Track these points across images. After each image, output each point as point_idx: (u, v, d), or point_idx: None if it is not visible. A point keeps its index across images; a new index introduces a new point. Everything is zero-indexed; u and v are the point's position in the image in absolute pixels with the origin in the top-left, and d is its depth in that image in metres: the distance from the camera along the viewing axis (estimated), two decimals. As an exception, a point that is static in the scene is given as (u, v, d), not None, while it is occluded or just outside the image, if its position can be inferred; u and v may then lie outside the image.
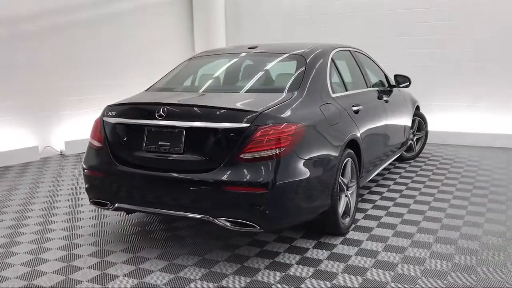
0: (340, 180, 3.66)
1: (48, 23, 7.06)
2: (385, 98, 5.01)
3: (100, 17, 7.85)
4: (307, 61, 3.87)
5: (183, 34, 9.57)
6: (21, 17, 6.71)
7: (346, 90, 4.25)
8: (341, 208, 3.73)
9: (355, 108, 4.06)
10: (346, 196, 3.84)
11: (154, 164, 3.29)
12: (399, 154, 5.88)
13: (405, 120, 5.78)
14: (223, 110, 3.17)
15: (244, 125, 3.07)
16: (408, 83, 5.56)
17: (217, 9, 9.28)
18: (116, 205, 3.44)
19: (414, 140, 6.58)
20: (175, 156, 3.23)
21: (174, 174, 3.19)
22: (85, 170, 3.59)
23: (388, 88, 5.40)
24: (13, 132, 6.75)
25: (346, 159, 3.77)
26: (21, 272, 3.26)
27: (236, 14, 9.62)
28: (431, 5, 7.87)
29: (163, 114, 3.25)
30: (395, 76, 5.58)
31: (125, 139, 3.45)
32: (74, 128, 7.45)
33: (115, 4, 8.10)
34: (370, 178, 4.66)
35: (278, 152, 3.05)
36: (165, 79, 4.25)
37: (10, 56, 6.62)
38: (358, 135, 4.01)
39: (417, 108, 6.53)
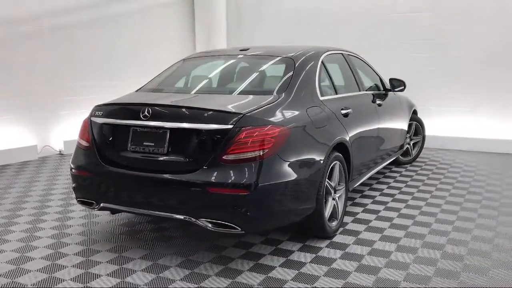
0: (326, 183, 3.66)
1: (48, 24, 7.11)
2: (378, 102, 4.99)
3: (101, 18, 7.90)
4: (296, 64, 3.87)
5: (184, 35, 9.61)
6: (21, 17, 6.77)
7: (336, 93, 4.25)
8: (327, 211, 3.72)
9: (344, 111, 4.05)
10: (333, 199, 3.83)
11: (139, 165, 3.31)
12: (394, 158, 5.86)
13: (401, 124, 5.76)
14: (207, 112, 3.19)
15: (227, 126, 3.08)
16: (403, 87, 5.55)
17: (218, 10, 9.31)
18: (101, 204, 3.46)
19: (411, 144, 6.55)
20: (159, 156, 3.24)
21: (158, 175, 3.20)
22: (73, 170, 3.62)
23: (383, 92, 5.39)
24: (12, 131, 6.81)
25: (334, 162, 3.76)
26: (5, 270, 3.29)
27: (238, 16, 9.65)
28: (432, 9, 7.84)
29: (147, 114, 3.27)
30: (391, 80, 5.57)
31: (111, 139, 3.47)
32: (73, 128, 7.48)
33: (116, 5, 8.15)
34: (361, 182, 4.64)
35: (260, 154, 3.05)
36: (155, 80, 4.28)
37: (10, 56, 6.68)
38: (347, 138, 4.00)
39: (414, 112, 6.49)
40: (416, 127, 6.55)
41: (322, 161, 3.51)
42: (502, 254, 3.52)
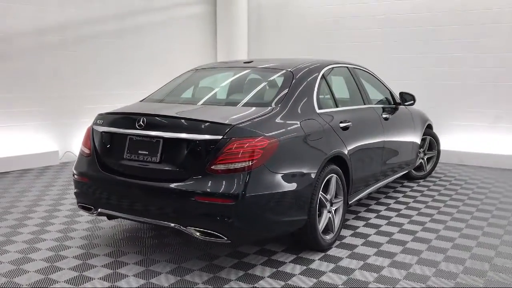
0: (321, 195, 3.67)
1: (72, 35, 7.40)
2: (384, 116, 4.96)
3: (123, 29, 8.16)
4: (295, 77, 3.92)
5: (206, 47, 9.79)
6: (46, 28, 7.08)
7: (337, 106, 4.26)
8: (321, 224, 3.72)
9: (343, 125, 4.06)
10: (329, 212, 3.83)
11: (134, 172, 3.42)
12: (404, 173, 5.79)
13: (411, 139, 5.69)
14: (198, 122, 3.27)
15: (216, 137, 3.15)
16: (412, 101, 5.50)
17: (240, 24, 9.44)
18: (99, 210, 3.58)
19: (425, 159, 6.46)
20: (152, 165, 3.34)
21: (150, 183, 3.30)
22: (75, 176, 3.76)
23: (392, 106, 5.35)
24: (35, 136, 7.10)
25: (330, 175, 3.77)
26: (6, 269, 3.44)
27: (259, 27, 9.76)
28: (453, 22, 7.73)
29: (142, 124, 3.38)
30: (401, 94, 5.53)
31: (110, 147, 3.60)
32: (94, 135, 7.73)
33: (139, 17, 8.41)
34: (362, 196, 4.59)
35: (248, 165, 3.10)
36: (160, 91, 4.41)
37: (35, 65, 6.99)
38: (345, 151, 4.00)
39: (429, 127, 6.40)
40: (431, 142, 6.45)
41: (314, 174, 3.52)
42: (498, 274, 3.44)
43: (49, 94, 7.20)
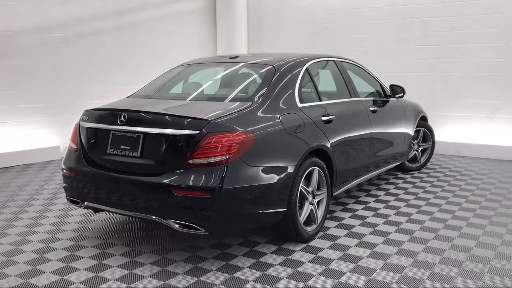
0: (302, 188, 3.74)
1: (73, 31, 7.54)
2: (372, 108, 5.00)
3: (123, 26, 8.27)
4: (277, 72, 3.99)
5: (206, 42, 9.86)
6: (48, 25, 7.22)
7: (320, 100, 4.31)
8: (302, 216, 3.80)
9: (325, 118, 4.11)
10: (311, 204, 3.90)
11: (116, 167, 3.54)
12: (396, 164, 5.83)
13: (403, 130, 5.72)
14: (176, 118, 3.37)
15: (193, 132, 3.24)
16: (402, 94, 5.53)
17: (239, 17, 9.50)
18: (85, 203, 3.71)
19: (419, 151, 6.48)
20: (133, 159, 3.45)
21: (131, 177, 3.41)
22: (63, 170, 3.89)
23: (381, 98, 5.38)
24: (38, 132, 7.27)
25: (312, 168, 3.84)
26: (-4, 260, 3.59)
27: (258, 23, 9.81)
28: (451, 14, 7.70)
29: (123, 120, 3.49)
30: (391, 86, 5.56)
31: (95, 142, 3.72)
32: (95, 130, 7.87)
33: (139, 13, 8.51)
34: (348, 187, 4.65)
35: (225, 158, 3.19)
36: (147, 87, 4.51)
37: (37, 62, 7.14)
38: (328, 144, 4.06)
39: (423, 118, 6.42)
40: (425, 134, 6.47)
41: (293, 167, 3.60)
42: (475, 263, 3.49)
43: (50, 90, 7.36)
